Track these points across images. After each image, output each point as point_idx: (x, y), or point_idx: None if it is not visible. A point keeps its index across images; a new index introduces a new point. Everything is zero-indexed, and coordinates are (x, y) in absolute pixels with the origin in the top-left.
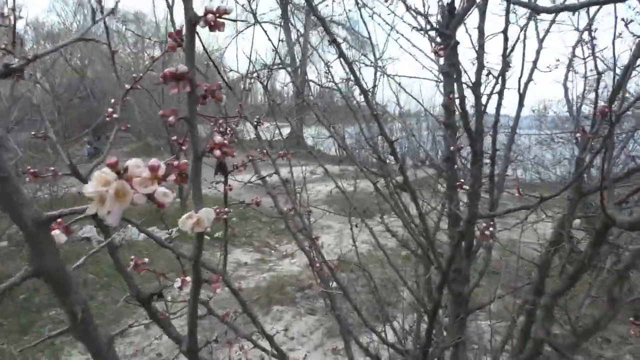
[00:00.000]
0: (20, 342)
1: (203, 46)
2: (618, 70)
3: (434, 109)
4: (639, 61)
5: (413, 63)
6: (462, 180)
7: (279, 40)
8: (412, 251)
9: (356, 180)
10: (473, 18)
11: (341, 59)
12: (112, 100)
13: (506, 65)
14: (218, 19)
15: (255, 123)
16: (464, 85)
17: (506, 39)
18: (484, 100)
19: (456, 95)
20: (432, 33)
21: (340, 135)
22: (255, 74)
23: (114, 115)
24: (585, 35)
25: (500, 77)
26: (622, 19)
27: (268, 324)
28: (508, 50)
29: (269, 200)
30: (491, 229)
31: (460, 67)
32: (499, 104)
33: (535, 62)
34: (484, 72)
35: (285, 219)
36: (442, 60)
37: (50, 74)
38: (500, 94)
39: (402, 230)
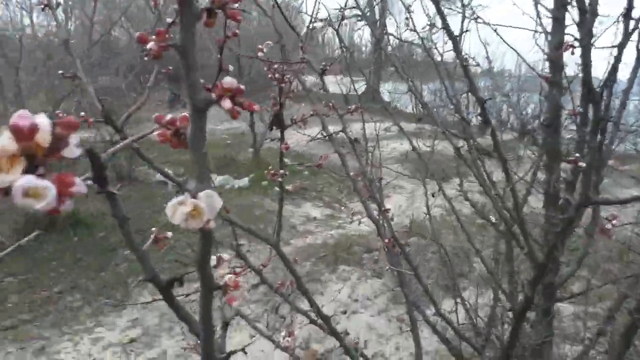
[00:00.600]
0: (97, 278)
1: None
2: None
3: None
4: None
5: (505, 12)
6: (578, 155)
7: None
8: (492, 224)
9: (434, 141)
10: None
11: None
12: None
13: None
14: None
15: (321, 70)
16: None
17: None
18: (603, 54)
19: (575, 44)
20: None
21: (419, 91)
22: (327, 19)
23: None
24: None
25: (624, 26)
26: None
27: (334, 283)
28: None
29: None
30: (615, 221)
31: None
32: (618, 60)
33: None
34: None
35: (354, 184)
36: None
37: (132, 18)
38: (622, 47)
39: (479, 196)
